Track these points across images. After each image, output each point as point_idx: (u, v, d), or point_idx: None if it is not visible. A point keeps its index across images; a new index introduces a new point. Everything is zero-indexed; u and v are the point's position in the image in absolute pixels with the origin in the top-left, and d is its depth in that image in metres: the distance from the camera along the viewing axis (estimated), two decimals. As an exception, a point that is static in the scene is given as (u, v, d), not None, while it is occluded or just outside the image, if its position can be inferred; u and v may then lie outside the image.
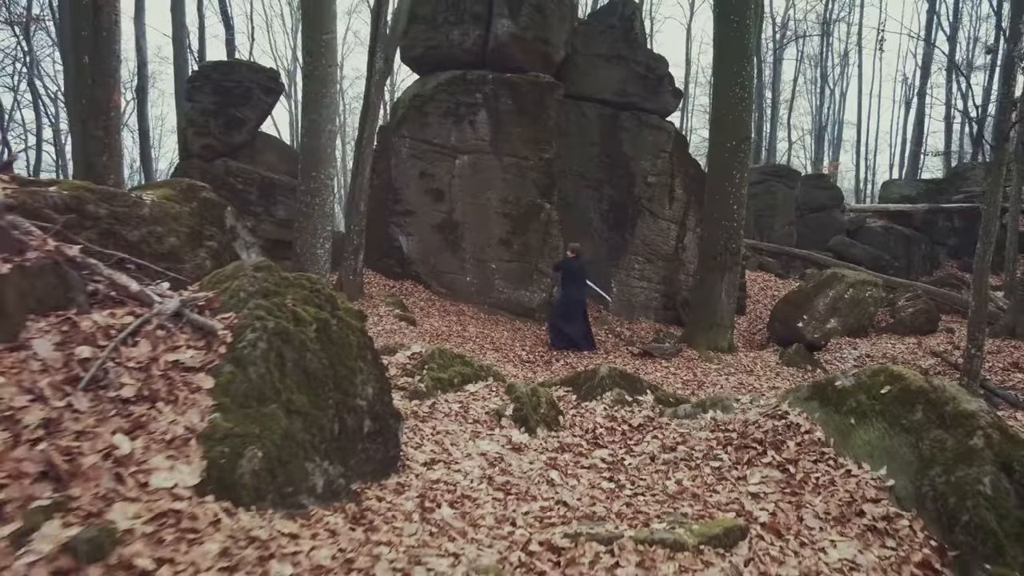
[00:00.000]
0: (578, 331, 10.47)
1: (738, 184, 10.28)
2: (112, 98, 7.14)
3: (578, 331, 10.47)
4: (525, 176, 12.09)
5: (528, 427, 4.27)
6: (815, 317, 11.98)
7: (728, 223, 10.29)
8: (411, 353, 4.74)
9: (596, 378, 5.46)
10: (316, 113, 5.87)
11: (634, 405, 5.25)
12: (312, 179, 5.94)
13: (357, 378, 3.14)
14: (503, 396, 4.58)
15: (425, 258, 12.68)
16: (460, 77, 12.23)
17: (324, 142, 5.90)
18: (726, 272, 10.32)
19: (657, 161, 13.19)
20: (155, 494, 1.88)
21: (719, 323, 10.38)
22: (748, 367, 9.75)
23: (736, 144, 10.14)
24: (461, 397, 4.50)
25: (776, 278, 17.69)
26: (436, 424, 4.05)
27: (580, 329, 10.50)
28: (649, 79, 13.08)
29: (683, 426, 4.53)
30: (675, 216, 13.53)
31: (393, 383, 4.35)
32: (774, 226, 21.01)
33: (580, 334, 10.46)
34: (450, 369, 4.70)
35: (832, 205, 22.25)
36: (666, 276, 13.54)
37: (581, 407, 5.10)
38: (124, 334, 2.34)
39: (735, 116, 10.09)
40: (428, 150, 12.46)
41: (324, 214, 6.04)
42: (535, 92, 11.91)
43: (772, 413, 4.23)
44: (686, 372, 9.35)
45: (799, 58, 36.96)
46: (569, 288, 10.59)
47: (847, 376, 4.12)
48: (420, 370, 4.52)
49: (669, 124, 13.59)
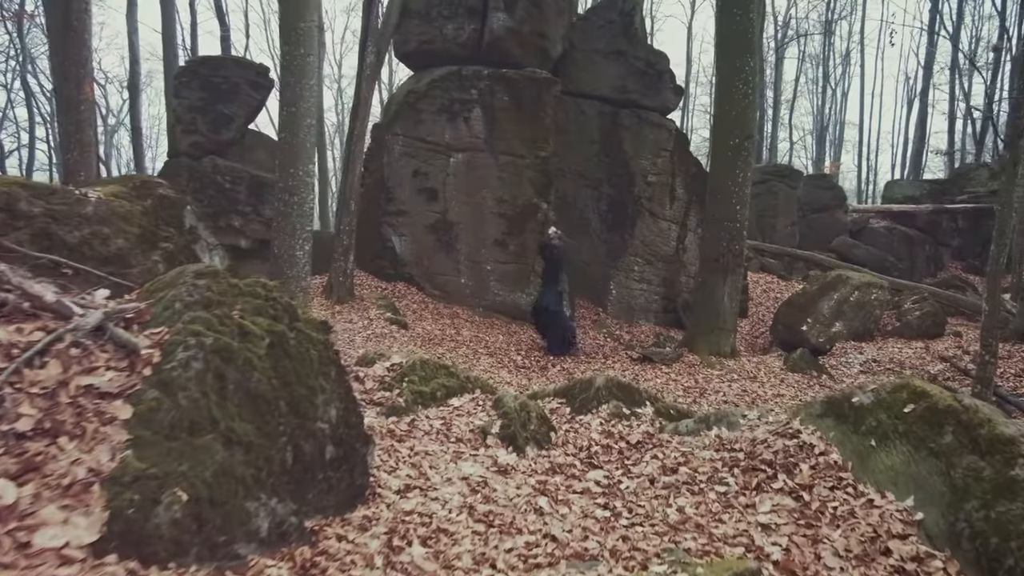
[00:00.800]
0: (556, 335, 10.04)
1: (741, 183, 9.91)
2: (83, 91, 6.79)
3: (556, 335, 10.04)
4: (521, 175, 11.72)
5: (516, 446, 3.91)
6: (819, 320, 11.65)
7: (731, 223, 9.93)
8: (390, 364, 4.37)
9: (592, 389, 5.10)
10: (294, 106, 5.50)
11: (632, 419, 4.89)
12: (290, 176, 5.58)
13: (318, 398, 2.78)
14: (490, 411, 4.22)
15: (418, 259, 12.32)
16: (455, 73, 11.87)
17: (303, 137, 5.53)
18: (728, 274, 9.96)
19: (657, 160, 12.83)
20: (37, 557, 1.52)
21: (721, 327, 10.01)
22: (751, 373, 9.40)
23: (739, 142, 9.78)
24: (444, 413, 4.14)
25: (779, 280, 17.34)
26: (415, 444, 3.69)
27: (559, 332, 10.07)
28: (649, 75, 12.72)
29: (685, 444, 4.17)
30: (676, 216, 13.16)
31: (368, 398, 3.99)
32: (776, 226, 20.66)
33: (559, 338, 10.04)
34: (433, 381, 4.34)
35: (835, 205, 21.91)
36: (666, 278, 13.18)
37: (575, 421, 4.75)
38: (29, 354, 1.98)
39: (738, 113, 9.72)
40: (422, 148, 12.10)
41: (303, 213, 5.68)
42: (532, 88, 11.55)
43: (782, 431, 3.87)
44: (687, 378, 9.00)
45: (800, 58, 36.66)
46: (551, 279, 10.23)
47: (865, 391, 3.76)
48: (399, 383, 4.16)
49: (670, 122, 13.23)
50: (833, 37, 35.14)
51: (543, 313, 10.01)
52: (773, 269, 18.53)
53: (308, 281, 5.71)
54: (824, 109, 36.23)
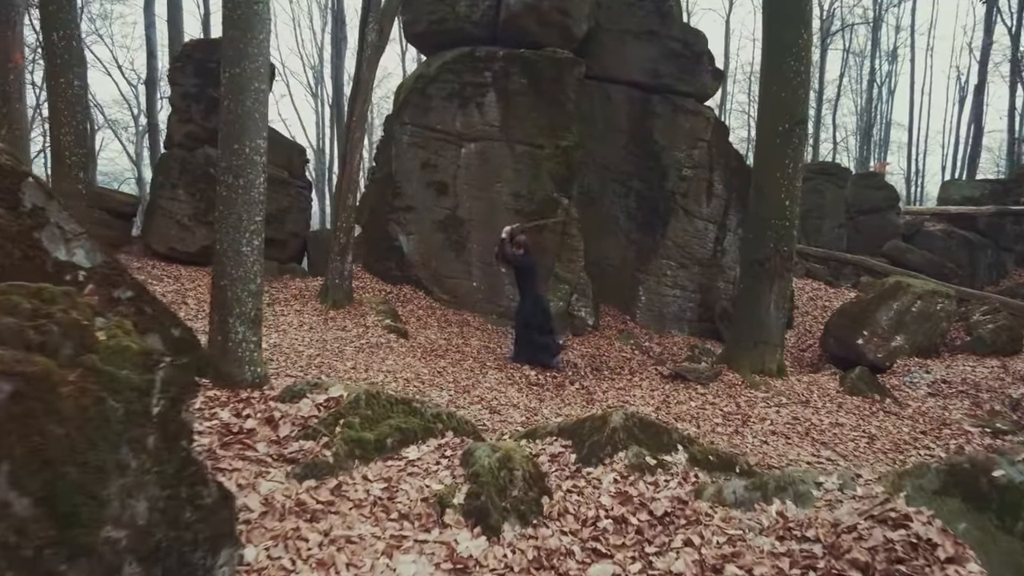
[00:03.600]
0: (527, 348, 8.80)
1: (791, 176, 8.56)
2: (11, 57, 5.79)
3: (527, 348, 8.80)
4: (540, 166, 10.51)
5: (488, 524, 2.71)
6: (877, 333, 10.26)
7: (778, 221, 8.58)
8: (325, 399, 3.21)
9: (606, 430, 3.88)
10: (238, 66, 4.42)
11: (659, 473, 3.66)
12: (234, 153, 4.48)
13: (112, 485, 1.62)
14: (458, 469, 3.03)
15: (426, 260, 11.19)
16: (467, 55, 10.72)
17: (250, 105, 4.44)
18: (776, 279, 8.60)
19: (693, 151, 11.49)
20: None
21: (767, 340, 8.66)
22: (803, 396, 8.04)
23: (789, 128, 8.42)
24: (392, 471, 2.96)
25: (826, 286, 15.82)
26: (333, 526, 2.51)
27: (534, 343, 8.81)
28: (685, 57, 11.40)
29: (732, 521, 2.93)
30: (713, 215, 11.80)
31: (278, 452, 2.83)
32: (822, 229, 19.18)
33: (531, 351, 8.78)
34: (383, 424, 3.16)
35: (886, 207, 20.28)
36: (702, 284, 11.83)
37: (581, 476, 3.53)
38: None
39: (789, 94, 8.37)
40: (431, 137, 10.98)
41: (251, 200, 4.57)
42: (552, 69, 10.33)
43: (881, 515, 2.61)
44: (727, 401, 7.68)
45: (845, 56, 34.74)
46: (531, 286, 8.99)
47: (1013, 461, 2.49)
48: (331, 427, 2.99)
49: (708, 109, 11.87)
50: (879, 33, 33.18)
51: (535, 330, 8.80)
52: (819, 275, 17.02)
53: (259, 284, 4.59)
54: (870, 107, 34.26)
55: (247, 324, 4.77)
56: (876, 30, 32.32)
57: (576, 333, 10.54)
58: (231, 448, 2.74)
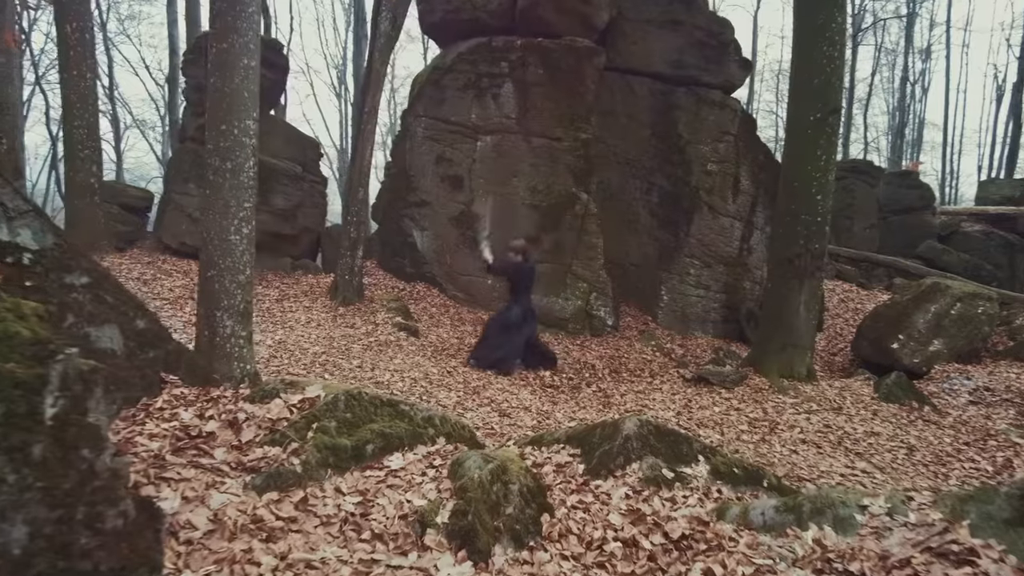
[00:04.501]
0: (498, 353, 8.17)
1: (824, 168, 8.07)
2: (2, 36, 5.56)
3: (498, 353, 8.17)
4: (558, 160, 10.11)
5: (476, 547, 2.34)
6: (913, 337, 9.72)
7: (810, 217, 8.09)
8: (299, 399, 2.86)
9: (618, 438, 3.49)
10: (226, 41, 4.11)
11: (676, 487, 3.27)
12: (221, 135, 4.16)
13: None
14: (445, 481, 2.66)
15: (440, 257, 10.85)
16: (484, 45, 10.36)
17: (239, 82, 4.13)
18: (806, 279, 8.12)
19: (719, 145, 11.01)
20: None
21: (796, 343, 8.18)
22: (834, 402, 7.55)
23: (822, 117, 7.94)
24: (370, 482, 2.60)
25: (858, 288, 15.20)
26: (293, 546, 2.16)
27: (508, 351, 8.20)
28: (711, 47, 10.92)
29: (761, 549, 2.52)
30: (740, 212, 11.30)
31: (237, 459, 2.49)
32: (852, 229, 18.52)
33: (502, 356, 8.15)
34: (363, 429, 2.81)
35: (921, 206, 19.54)
36: (728, 283, 11.33)
37: (588, 490, 3.15)
38: None
39: (822, 80, 7.88)
40: (445, 130, 10.64)
41: (240, 185, 4.26)
42: (570, 59, 9.92)
43: (941, 547, 2.19)
44: (753, 407, 7.23)
45: (876, 55, 33.75)
46: (527, 295, 8.41)
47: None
48: (302, 432, 2.65)
49: (734, 101, 11.36)
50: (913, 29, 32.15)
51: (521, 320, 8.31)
52: (849, 276, 16.38)
53: (248, 275, 4.28)
54: (903, 105, 33.21)
55: (236, 318, 4.45)
56: (910, 26, 31.32)
57: (595, 334, 10.12)
58: (184, 454, 2.41)
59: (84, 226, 10.73)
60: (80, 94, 10.91)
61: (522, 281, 8.29)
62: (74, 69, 10.79)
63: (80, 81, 10.86)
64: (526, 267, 8.33)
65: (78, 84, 10.85)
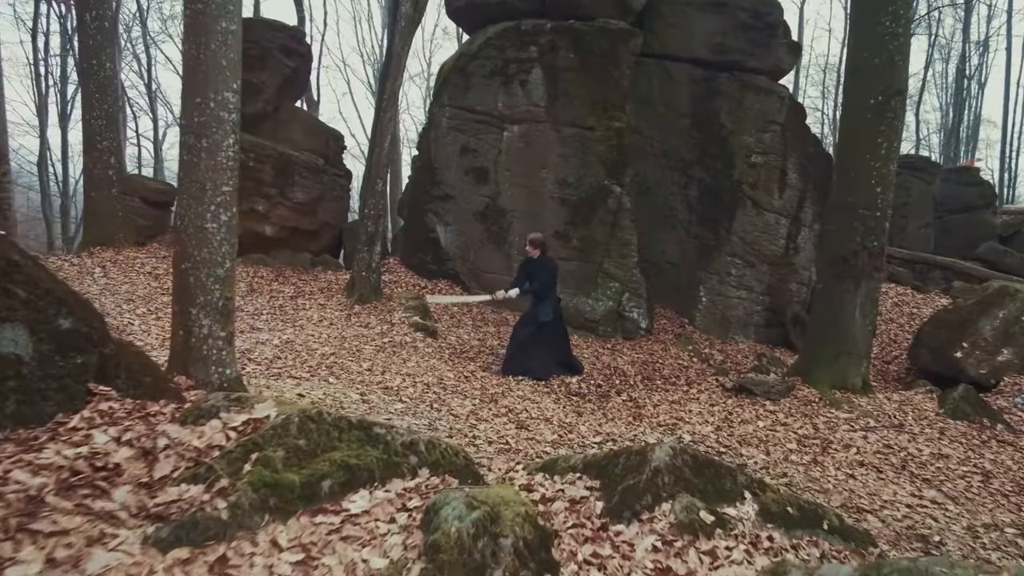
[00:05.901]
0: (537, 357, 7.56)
1: (884, 158, 7.24)
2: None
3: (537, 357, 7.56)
4: (589, 151, 9.45)
5: (447, 631, 1.74)
6: (979, 346, 8.83)
7: (867, 212, 7.27)
8: (244, 420, 2.28)
9: (646, 470, 2.85)
10: (201, 1, 3.55)
11: (717, 535, 2.62)
12: (196, 108, 3.65)
13: None
14: (416, 533, 2.06)
15: (464, 253, 10.28)
16: (512, 28, 9.76)
17: (215, 48, 3.62)
18: (863, 280, 7.31)
19: (764, 136, 10.20)
20: None
21: (850, 351, 7.37)
22: (895, 418, 6.75)
23: (884, 100, 7.11)
24: (317, 532, 2.00)
25: (912, 291, 14.17)
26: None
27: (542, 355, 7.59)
28: (756, 29, 10.12)
29: (836, 640, 1.86)
30: (786, 208, 10.48)
31: (144, 501, 1.91)
32: (906, 228, 17.43)
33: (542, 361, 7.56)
34: (321, 459, 2.22)
35: (981, 205, 18.35)
36: (772, 285, 10.52)
37: (606, 538, 2.52)
38: None
39: (884, 60, 7.06)
40: (471, 120, 10.07)
41: (217, 166, 3.75)
42: (603, 42, 9.25)
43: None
44: (802, 422, 6.47)
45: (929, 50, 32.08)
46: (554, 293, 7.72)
47: None
48: (237, 464, 2.07)
49: (782, 88, 10.52)
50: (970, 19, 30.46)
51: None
52: (903, 279, 15.33)
53: (228, 268, 3.77)
54: (959, 100, 31.51)
55: (213, 316, 3.94)
56: (967, 15, 29.66)
57: (627, 337, 9.44)
58: (73, 494, 1.85)
59: (102, 219, 10.50)
60: (99, 84, 10.65)
61: (548, 277, 7.60)
62: (93, 59, 10.55)
63: (99, 71, 10.60)
64: (547, 262, 7.65)
65: (97, 74, 10.60)
